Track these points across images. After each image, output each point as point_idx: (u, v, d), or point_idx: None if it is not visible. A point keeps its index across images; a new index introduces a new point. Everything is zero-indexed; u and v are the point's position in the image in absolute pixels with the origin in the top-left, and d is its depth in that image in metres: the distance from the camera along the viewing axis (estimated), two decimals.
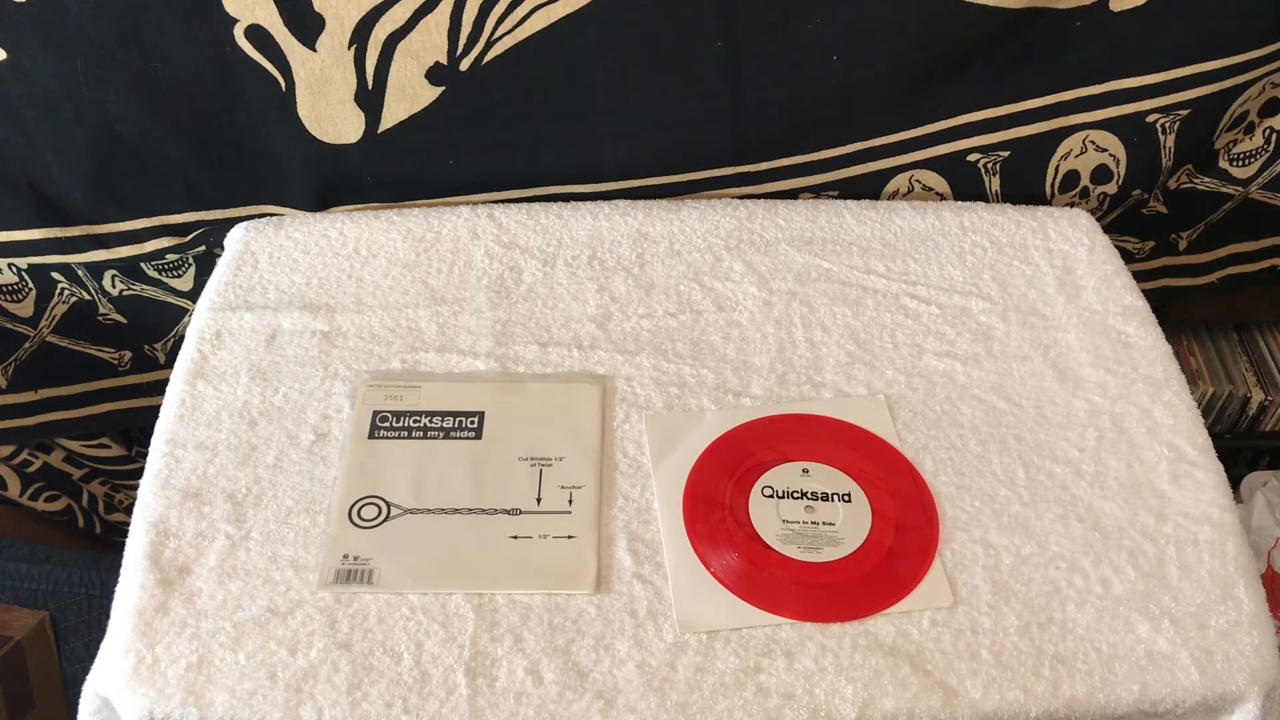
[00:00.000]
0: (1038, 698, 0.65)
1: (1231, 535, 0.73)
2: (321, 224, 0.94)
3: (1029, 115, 0.96)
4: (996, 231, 0.93)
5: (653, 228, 0.93)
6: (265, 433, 0.79)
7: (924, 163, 0.98)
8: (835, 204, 0.96)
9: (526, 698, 0.65)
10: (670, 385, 0.82)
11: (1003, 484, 0.76)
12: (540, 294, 0.89)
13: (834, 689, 0.66)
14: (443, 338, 0.85)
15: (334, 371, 0.83)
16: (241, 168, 0.93)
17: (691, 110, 0.91)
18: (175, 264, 1.01)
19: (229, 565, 0.71)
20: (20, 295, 1.02)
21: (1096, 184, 1.01)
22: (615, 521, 0.74)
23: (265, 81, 0.86)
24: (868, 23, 0.86)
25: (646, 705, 0.65)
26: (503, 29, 0.84)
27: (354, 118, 0.89)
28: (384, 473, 0.75)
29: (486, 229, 0.93)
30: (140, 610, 0.69)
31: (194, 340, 0.85)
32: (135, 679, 0.66)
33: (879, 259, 0.91)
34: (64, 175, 0.93)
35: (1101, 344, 0.85)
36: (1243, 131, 1.03)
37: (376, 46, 0.84)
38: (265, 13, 0.82)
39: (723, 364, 0.84)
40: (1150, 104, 0.95)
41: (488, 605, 0.69)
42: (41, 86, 0.86)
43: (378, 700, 0.65)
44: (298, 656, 0.67)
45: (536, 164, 0.95)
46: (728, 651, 0.67)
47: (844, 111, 0.93)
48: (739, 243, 0.92)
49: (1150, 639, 0.68)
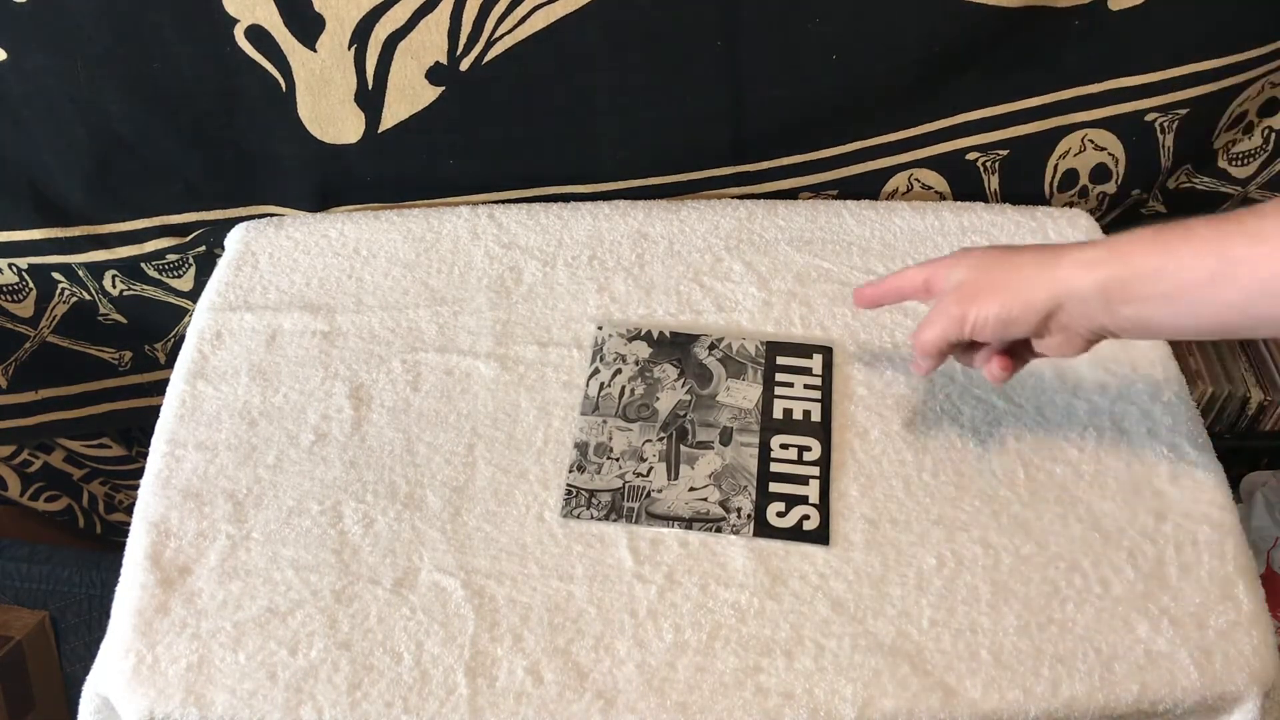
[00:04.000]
0: (1037, 698, 0.65)
1: (1231, 535, 0.73)
2: (321, 224, 0.94)
3: (1028, 114, 0.96)
4: (996, 232, 0.93)
5: (653, 228, 0.94)
6: (265, 433, 0.79)
7: (923, 161, 0.98)
8: (835, 204, 0.96)
9: (526, 698, 0.65)
10: None
11: (1002, 484, 0.76)
12: (540, 294, 0.89)
13: (834, 689, 0.66)
14: (443, 338, 0.85)
15: (334, 371, 0.83)
16: (241, 168, 0.93)
17: (691, 110, 0.91)
18: (175, 264, 1.01)
19: (229, 565, 0.72)
20: (20, 295, 1.02)
21: (1095, 183, 1.01)
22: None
23: (265, 81, 0.86)
24: (867, 23, 0.86)
25: (646, 705, 0.65)
26: (503, 29, 0.84)
27: (354, 118, 0.89)
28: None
29: (486, 229, 0.93)
30: (140, 610, 0.69)
31: (194, 340, 0.85)
32: (135, 679, 0.66)
33: (879, 259, 0.91)
34: (64, 175, 0.93)
35: (1101, 344, 0.85)
36: (1242, 131, 1.03)
37: (376, 46, 0.84)
38: (265, 13, 0.82)
39: None
40: (1149, 103, 0.95)
41: (488, 605, 0.70)
42: (41, 86, 0.86)
43: (378, 700, 0.65)
44: (298, 656, 0.67)
45: (536, 164, 0.96)
46: (727, 651, 0.67)
47: (843, 111, 0.93)
48: (739, 243, 0.92)
49: (1150, 639, 0.68)
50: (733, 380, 0.82)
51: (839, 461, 0.77)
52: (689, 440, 0.79)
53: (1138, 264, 0.60)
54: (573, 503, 0.75)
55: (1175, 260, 0.58)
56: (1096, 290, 0.60)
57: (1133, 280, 0.60)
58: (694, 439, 0.79)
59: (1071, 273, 0.61)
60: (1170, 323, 0.60)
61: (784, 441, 0.79)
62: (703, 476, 0.77)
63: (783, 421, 0.80)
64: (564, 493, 0.75)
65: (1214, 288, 0.57)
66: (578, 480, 0.76)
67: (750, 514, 0.74)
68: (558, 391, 0.82)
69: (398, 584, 0.71)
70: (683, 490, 0.76)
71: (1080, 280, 0.61)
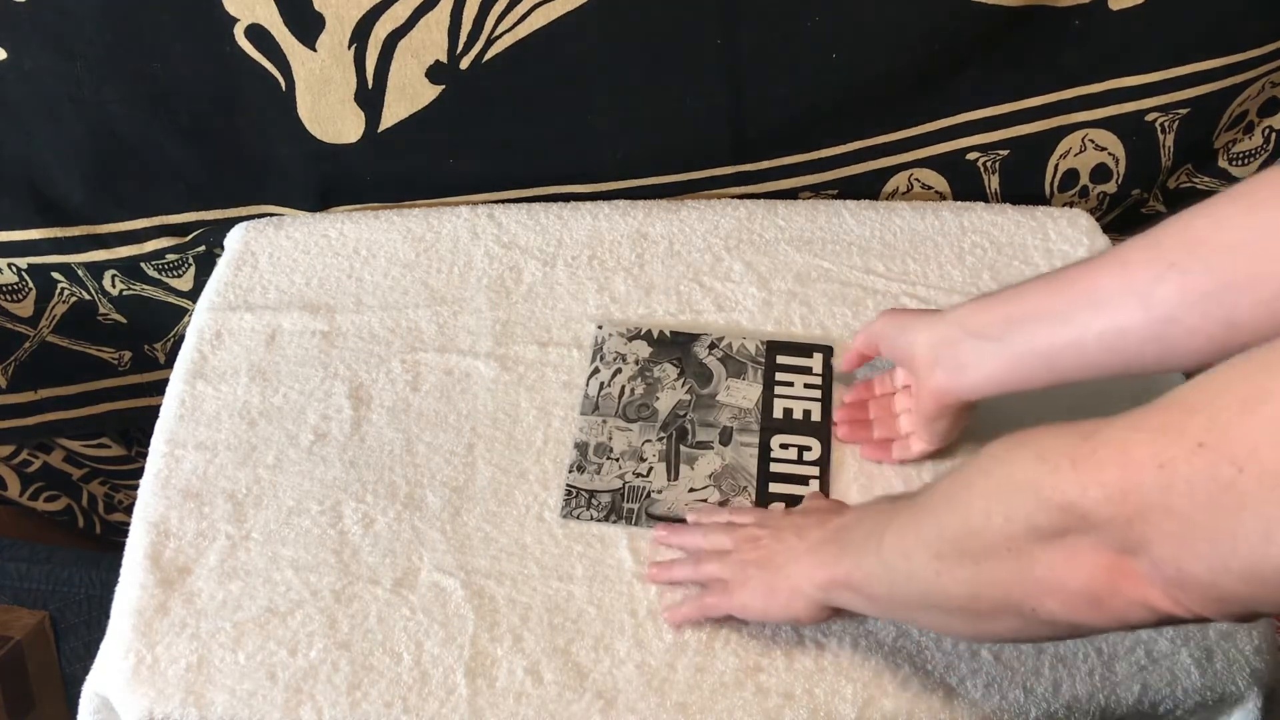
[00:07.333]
0: (1038, 698, 0.65)
1: None
2: (321, 224, 0.94)
3: (1028, 114, 0.96)
4: (996, 231, 0.93)
5: (652, 228, 0.93)
6: (265, 433, 0.79)
7: (923, 161, 0.98)
8: (835, 204, 0.96)
9: (526, 698, 0.65)
10: None
11: None
12: (540, 294, 0.88)
13: (834, 689, 0.65)
14: (443, 338, 0.85)
15: (334, 371, 0.83)
16: (241, 168, 0.93)
17: (691, 110, 0.91)
18: (175, 264, 1.01)
19: (229, 565, 0.72)
20: (20, 295, 1.02)
21: (1096, 183, 1.01)
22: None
23: (265, 81, 0.86)
24: (867, 22, 0.86)
25: (646, 705, 0.65)
26: (503, 27, 0.84)
27: (354, 117, 0.89)
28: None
29: (486, 229, 0.93)
30: (140, 610, 0.69)
31: (194, 340, 0.85)
32: (135, 679, 0.66)
33: (879, 259, 0.91)
34: (64, 175, 0.93)
35: None
36: (1242, 131, 1.03)
37: (376, 46, 0.84)
38: (265, 12, 0.82)
39: None
40: (1149, 103, 0.95)
41: (488, 605, 0.69)
42: (41, 86, 0.86)
43: (378, 700, 0.65)
44: (298, 656, 0.67)
45: (536, 164, 0.95)
46: (727, 651, 0.67)
47: (843, 110, 0.93)
48: (739, 243, 0.92)
49: (1150, 639, 0.68)
50: (733, 380, 0.82)
51: (839, 460, 0.77)
52: (689, 440, 0.79)
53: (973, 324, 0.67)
54: (573, 503, 0.75)
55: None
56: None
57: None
58: (694, 439, 0.79)
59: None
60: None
61: (784, 441, 0.79)
62: (702, 477, 0.77)
63: (783, 421, 0.80)
64: (564, 493, 0.75)
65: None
66: (577, 480, 0.76)
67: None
68: (558, 391, 0.82)
69: (398, 584, 0.71)
70: (682, 491, 0.76)
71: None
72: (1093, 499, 0.40)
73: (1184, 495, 0.37)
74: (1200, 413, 0.37)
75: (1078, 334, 0.60)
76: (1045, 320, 0.62)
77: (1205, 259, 0.54)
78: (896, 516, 0.54)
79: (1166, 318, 0.56)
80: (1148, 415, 0.39)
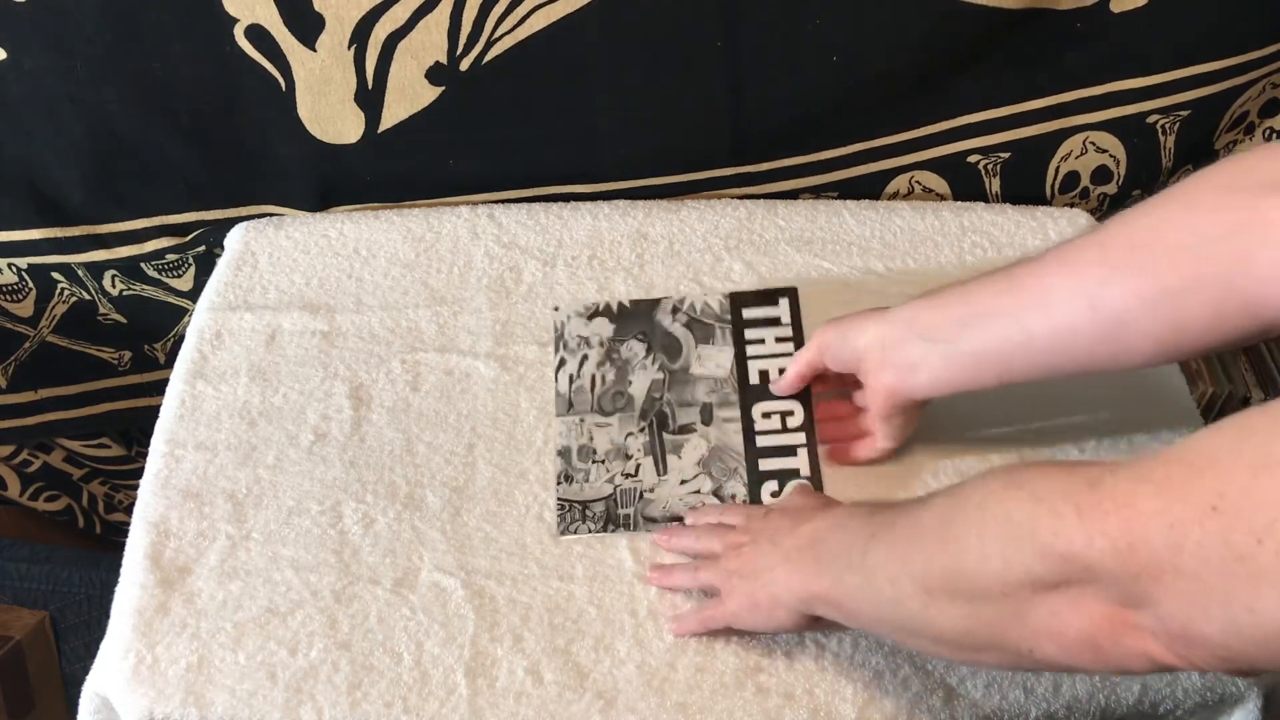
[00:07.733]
0: (1038, 698, 0.65)
1: None
2: (321, 224, 0.94)
3: (1029, 116, 0.96)
4: (996, 232, 0.93)
5: (653, 228, 0.93)
6: (265, 433, 0.79)
7: (924, 164, 0.98)
8: (835, 204, 0.96)
9: (526, 698, 0.65)
10: None
11: None
12: (540, 294, 0.88)
13: (834, 689, 0.65)
14: (443, 338, 0.85)
15: (334, 371, 0.83)
16: (241, 168, 0.93)
17: (691, 110, 0.91)
18: (175, 264, 1.01)
19: (229, 565, 0.72)
20: (20, 295, 1.02)
21: (1096, 185, 1.01)
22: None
23: (265, 81, 0.86)
24: (868, 23, 0.86)
25: (646, 705, 0.65)
26: (503, 28, 0.84)
27: (354, 118, 0.89)
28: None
29: (486, 229, 0.93)
30: (140, 610, 0.69)
31: (194, 340, 0.85)
32: (135, 679, 0.66)
33: (879, 259, 0.91)
34: (64, 175, 0.93)
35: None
36: (1243, 132, 1.03)
37: (376, 46, 0.84)
38: (265, 12, 0.82)
39: None
40: (1150, 105, 0.95)
41: (488, 605, 0.69)
42: (41, 86, 0.86)
43: (378, 700, 0.65)
44: (298, 656, 0.67)
45: (536, 164, 0.95)
46: (727, 651, 0.67)
47: (844, 112, 0.93)
48: (739, 243, 0.92)
49: None
50: (703, 346, 0.82)
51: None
52: (670, 426, 0.78)
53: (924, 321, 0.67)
54: (567, 518, 0.74)
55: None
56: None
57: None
58: (675, 424, 0.78)
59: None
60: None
61: (765, 410, 0.78)
62: (691, 465, 0.76)
63: (760, 387, 0.79)
64: (556, 509, 0.75)
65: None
66: (567, 492, 0.75)
67: (745, 499, 0.74)
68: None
69: (398, 584, 0.71)
70: (674, 485, 0.75)
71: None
72: (1099, 550, 0.39)
73: (1195, 558, 0.36)
74: (1208, 473, 0.37)
75: (1028, 335, 0.60)
76: (995, 320, 0.61)
77: (1148, 262, 0.54)
78: (878, 536, 0.53)
79: (1115, 320, 0.55)
80: (1153, 467, 0.39)
